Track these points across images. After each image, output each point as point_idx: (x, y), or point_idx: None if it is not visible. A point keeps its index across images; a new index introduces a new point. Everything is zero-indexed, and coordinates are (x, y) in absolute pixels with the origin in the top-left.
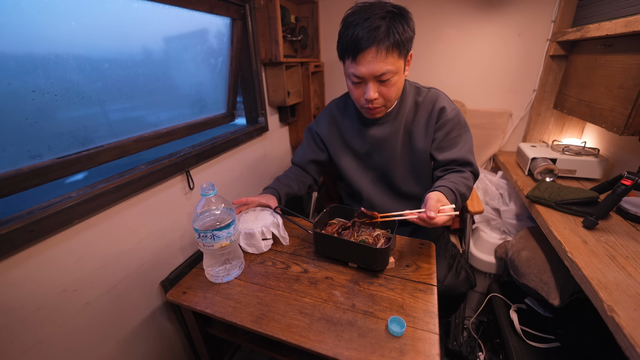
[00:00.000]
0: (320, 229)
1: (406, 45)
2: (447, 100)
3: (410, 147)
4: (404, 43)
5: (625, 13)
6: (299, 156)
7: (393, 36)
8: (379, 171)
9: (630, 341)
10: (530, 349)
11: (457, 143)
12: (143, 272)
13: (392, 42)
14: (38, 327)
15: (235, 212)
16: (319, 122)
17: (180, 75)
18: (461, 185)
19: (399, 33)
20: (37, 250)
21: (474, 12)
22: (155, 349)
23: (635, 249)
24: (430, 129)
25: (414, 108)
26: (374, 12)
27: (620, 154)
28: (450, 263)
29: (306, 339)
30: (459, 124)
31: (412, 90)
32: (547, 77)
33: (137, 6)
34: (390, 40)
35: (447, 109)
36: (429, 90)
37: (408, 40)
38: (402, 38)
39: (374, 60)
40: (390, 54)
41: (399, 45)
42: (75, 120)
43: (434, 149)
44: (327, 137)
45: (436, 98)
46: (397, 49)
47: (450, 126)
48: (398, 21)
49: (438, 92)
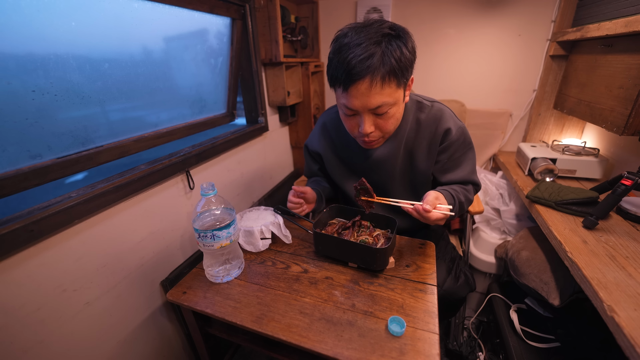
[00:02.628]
0: (320, 229)
1: (405, 73)
2: (451, 118)
3: (411, 168)
4: (402, 70)
5: (625, 13)
6: (308, 170)
7: (390, 64)
8: (376, 188)
9: (630, 341)
10: (530, 349)
11: (460, 163)
12: (143, 272)
13: (389, 71)
14: (38, 327)
15: (295, 200)
16: (313, 141)
17: (180, 75)
18: (461, 195)
19: (397, 59)
20: (37, 250)
21: (474, 12)
22: (155, 349)
23: (635, 249)
24: (433, 151)
25: (415, 126)
26: (368, 36)
27: (620, 154)
28: (450, 266)
29: (306, 339)
30: (463, 143)
31: (413, 106)
32: (547, 77)
33: (137, 6)
34: (386, 69)
35: (452, 129)
36: (432, 106)
37: (408, 67)
38: (401, 65)
39: (368, 93)
40: (387, 85)
41: (397, 73)
42: (75, 120)
43: (436, 170)
44: (322, 154)
45: (440, 116)
46: (394, 79)
47: (454, 148)
48: (396, 45)
49: (442, 109)
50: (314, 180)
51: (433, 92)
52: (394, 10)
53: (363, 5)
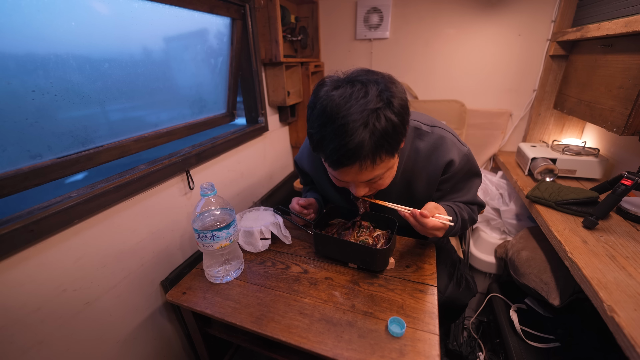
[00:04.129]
0: (320, 229)
1: (399, 142)
2: (454, 146)
3: (409, 196)
4: (396, 143)
5: (625, 13)
6: (302, 180)
7: (381, 145)
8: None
9: (630, 341)
10: (530, 349)
11: (463, 188)
12: (143, 272)
13: (380, 152)
14: (38, 327)
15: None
16: (302, 160)
17: (180, 75)
18: (465, 212)
19: (389, 136)
20: (37, 250)
21: (474, 12)
22: (155, 349)
23: (635, 249)
24: (433, 182)
25: (413, 155)
26: (353, 117)
27: (620, 154)
28: (451, 271)
29: (306, 340)
30: (469, 171)
31: (411, 133)
32: (547, 77)
33: (137, 6)
34: (377, 152)
35: (455, 161)
36: (432, 132)
37: (400, 135)
38: (392, 142)
39: (359, 172)
40: (378, 161)
41: (389, 149)
42: (75, 120)
43: (437, 197)
44: (312, 174)
45: (441, 144)
46: (386, 154)
47: (458, 177)
48: (384, 119)
49: (443, 136)
50: (312, 188)
51: (433, 92)
52: (394, 10)
53: (363, 5)
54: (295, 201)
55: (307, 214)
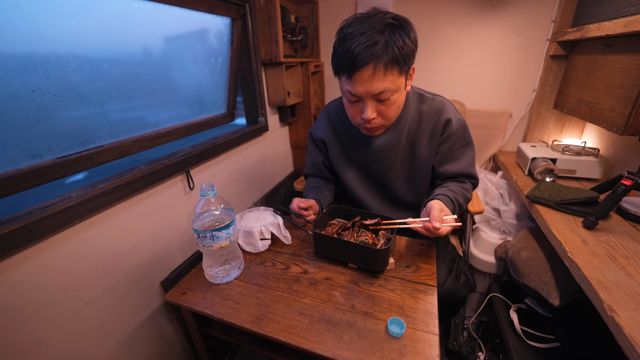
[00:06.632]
0: (320, 229)
1: (407, 61)
2: (452, 110)
3: (413, 158)
4: (404, 59)
5: (625, 13)
6: (310, 166)
7: (392, 52)
8: (377, 179)
9: (630, 341)
10: (530, 349)
11: (459, 156)
12: (143, 272)
13: (392, 59)
14: (38, 327)
15: (305, 213)
16: (318, 127)
17: (180, 75)
18: (460, 196)
19: (399, 48)
20: (37, 250)
21: (474, 12)
22: (155, 349)
23: (635, 249)
24: (434, 141)
25: (417, 117)
26: (372, 26)
27: (620, 154)
28: (450, 266)
29: (305, 340)
30: (463, 135)
31: (415, 98)
32: (547, 77)
33: (137, 6)
34: (389, 57)
35: (453, 120)
36: (434, 98)
37: (409, 55)
38: (403, 53)
39: (372, 79)
40: (389, 72)
41: (399, 61)
42: (75, 120)
43: (436, 161)
44: (326, 141)
45: (442, 108)
46: (397, 66)
47: (454, 139)
48: (398, 35)
49: (443, 101)
50: (313, 188)
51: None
52: (394, 10)
53: (363, 5)
54: (296, 202)
55: (307, 215)
